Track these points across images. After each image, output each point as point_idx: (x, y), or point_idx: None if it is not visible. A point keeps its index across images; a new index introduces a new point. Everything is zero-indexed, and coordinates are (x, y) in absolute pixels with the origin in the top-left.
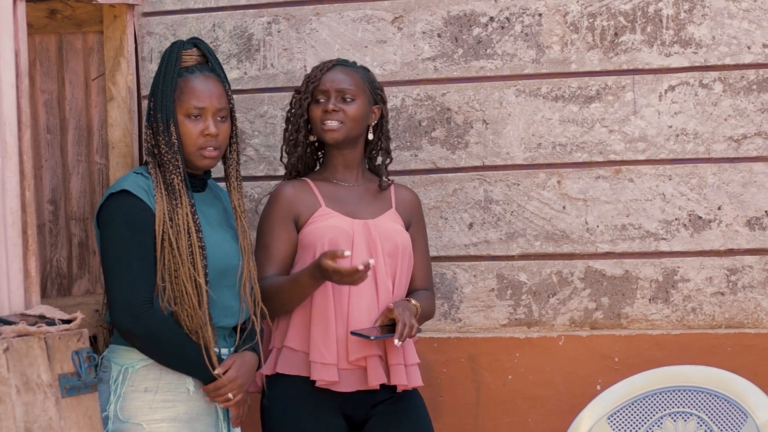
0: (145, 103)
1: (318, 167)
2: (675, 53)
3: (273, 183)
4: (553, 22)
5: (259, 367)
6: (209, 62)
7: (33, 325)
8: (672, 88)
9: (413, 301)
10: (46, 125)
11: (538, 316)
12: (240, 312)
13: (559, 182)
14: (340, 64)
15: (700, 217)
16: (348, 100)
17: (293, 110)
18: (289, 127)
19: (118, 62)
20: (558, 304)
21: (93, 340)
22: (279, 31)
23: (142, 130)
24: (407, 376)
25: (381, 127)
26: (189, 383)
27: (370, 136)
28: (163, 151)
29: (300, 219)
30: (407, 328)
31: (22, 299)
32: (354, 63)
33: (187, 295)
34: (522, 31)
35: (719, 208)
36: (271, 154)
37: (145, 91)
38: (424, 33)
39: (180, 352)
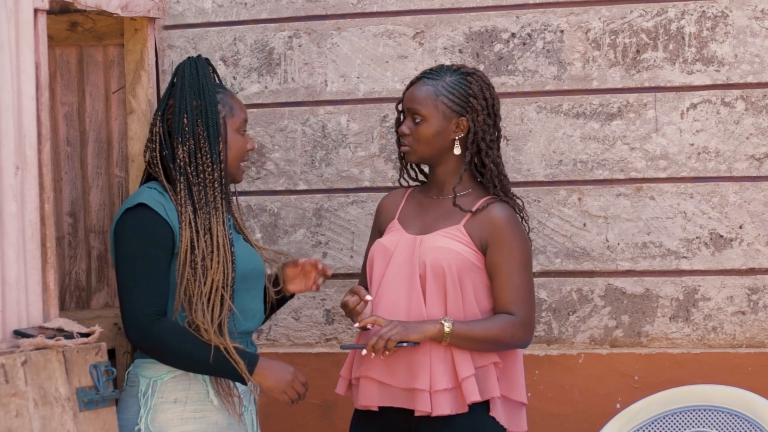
0: None
1: None
2: (697, 71)
3: (293, 197)
4: (575, 38)
5: None
6: (217, 79)
7: (51, 338)
8: (694, 105)
9: (441, 321)
10: (66, 138)
11: (558, 333)
12: (263, 313)
13: (579, 199)
14: (425, 76)
15: (721, 236)
16: (417, 120)
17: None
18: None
19: (139, 75)
20: (578, 321)
21: (111, 353)
22: (300, 46)
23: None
24: (433, 402)
25: (470, 140)
26: (213, 396)
27: (457, 151)
28: (206, 168)
29: (382, 229)
30: (379, 341)
31: (41, 312)
32: (446, 70)
33: (207, 311)
34: (544, 48)
35: (741, 227)
36: (291, 168)
37: None
38: (445, 48)
39: (201, 357)
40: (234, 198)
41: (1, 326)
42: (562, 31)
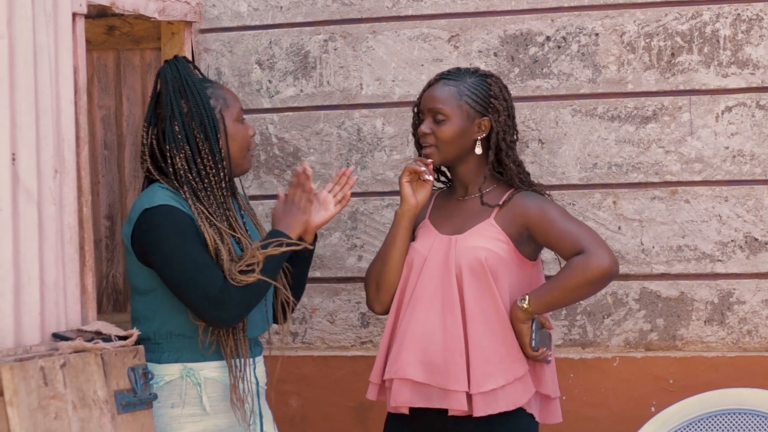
0: None
1: None
2: (732, 74)
3: None
4: (610, 41)
5: None
6: (199, 73)
7: (90, 341)
8: (729, 109)
9: (517, 303)
10: (104, 141)
11: (593, 336)
12: (267, 320)
13: (614, 202)
14: (444, 77)
15: (756, 239)
16: (439, 120)
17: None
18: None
19: None
20: (613, 325)
21: None
22: (335, 49)
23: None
24: (474, 404)
25: (493, 140)
26: (205, 401)
27: (478, 151)
28: (209, 169)
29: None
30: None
31: (79, 315)
32: (465, 72)
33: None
34: (578, 51)
35: None
36: (327, 171)
37: None
38: (480, 52)
39: (266, 282)
40: (240, 193)
41: (41, 329)
42: (596, 34)
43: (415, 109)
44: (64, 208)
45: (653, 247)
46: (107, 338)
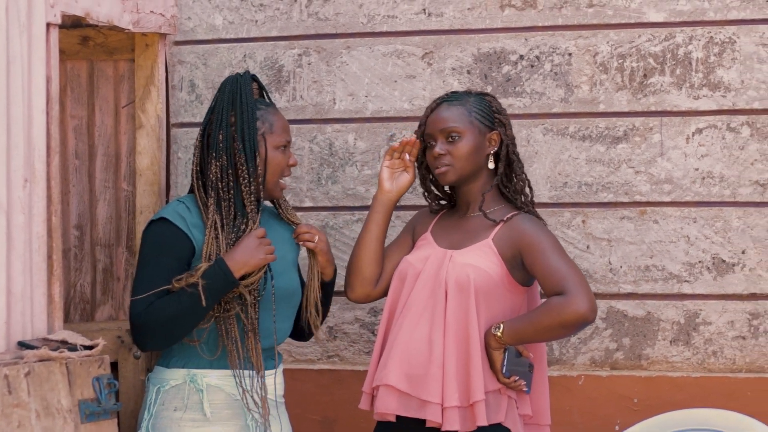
0: (176, 132)
1: None
2: (703, 96)
3: (299, 214)
4: (583, 62)
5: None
6: (264, 96)
7: (55, 350)
8: (699, 130)
9: (491, 329)
10: (75, 151)
11: (559, 354)
12: (279, 333)
13: (584, 222)
14: (446, 100)
15: (723, 261)
16: (454, 138)
17: (418, 159)
18: (420, 173)
19: (149, 90)
20: (579, 343)
21: (114, 366)
22: (309, 64)
23: (171, 160)
24: (444, 417)
25: (503, 153)
26: (206, 408)
27: (491, 165)
28: (242, 183)
29: (414, 236)
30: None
31: (45, 324)
32: (464, 93)
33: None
34: (551, 70)
35: (743, 252)
36: (297, 185)
37: (175, 119)
38: (453, 69)
39: (186, 302)
40: (283, 209)
41: (6, 337)
42: (570, 54)
43: (420, 136)
44: (33, 218)
45: (621, 267)
46: (73, 347)
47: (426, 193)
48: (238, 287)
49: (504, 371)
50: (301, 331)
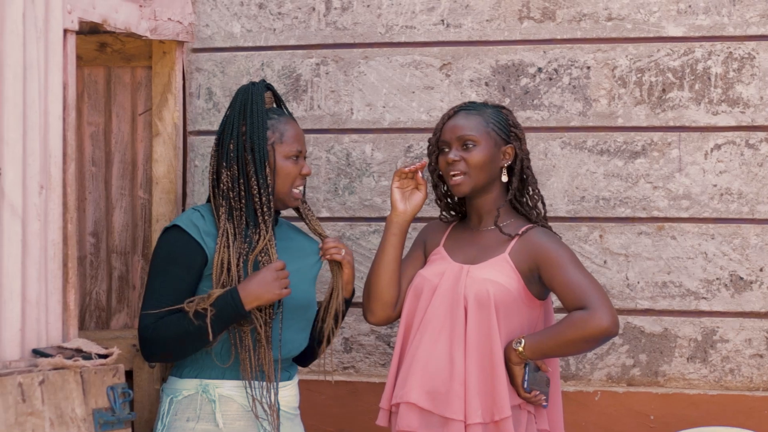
0: (193, 140)
1: None
2: (722, 112)
3: None
4: (602, 75)
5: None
6: (280, 105)
7: (69, 358)
8: (718, 146)
9: (512, 344)
10: (92, 158)
11: (575, 370)
12: (294, 344)
13: (601, 236)
14: (463, 109)
15: (741, 278)
16: (469, 146)
17: (431, 165)
18: (432, 180)
19: (166, 98)
20: (595, 359)
21: (129, 375)
22: (327, 73)
23: (188, 168)
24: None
25: (518, 167)
26: (219, 418)
27: (504, 179)
28: (253, 193)
29: (425, 251)
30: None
31: (60, 332)
32: (482, 104)
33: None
34: (570, 84)
35: (761, 270)
36: (314, 195)
37: (192, 127)
38: (471, 81)
39: (191, 326)
40: (308, 218)
41: (20, 345)
42: (588, 68)
43: (435, 142)
44: (49, 225)
45: (638, 282)
46: (87, 356)
47: (438, 200)
48: (248, 317)
49: (525, 386)
50: (307, 349)
